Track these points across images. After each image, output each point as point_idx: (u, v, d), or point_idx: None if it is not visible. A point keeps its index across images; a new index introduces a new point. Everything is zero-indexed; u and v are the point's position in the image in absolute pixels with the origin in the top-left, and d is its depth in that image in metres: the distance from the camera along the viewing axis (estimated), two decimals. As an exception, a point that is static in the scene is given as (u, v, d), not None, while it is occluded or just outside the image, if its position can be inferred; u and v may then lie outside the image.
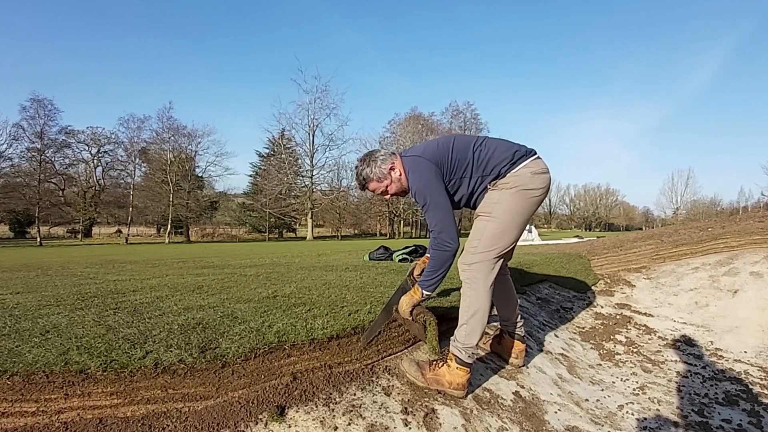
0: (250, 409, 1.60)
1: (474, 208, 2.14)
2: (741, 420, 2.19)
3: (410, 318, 2.13)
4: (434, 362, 2.01)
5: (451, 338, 2.05)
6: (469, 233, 2.10)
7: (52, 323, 2.06)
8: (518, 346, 2.42)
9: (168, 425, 1.51)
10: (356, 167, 2.12)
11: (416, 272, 2.23)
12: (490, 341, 2.53)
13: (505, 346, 2.45)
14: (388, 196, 2.15)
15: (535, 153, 2.07)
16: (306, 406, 1.67)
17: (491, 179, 2.00)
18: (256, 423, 1.55)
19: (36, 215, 33.33)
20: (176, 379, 1.62)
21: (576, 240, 14.94)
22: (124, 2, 68.12)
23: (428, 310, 2.18)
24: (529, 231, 11.65)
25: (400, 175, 2.05)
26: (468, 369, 1.96)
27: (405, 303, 2.10)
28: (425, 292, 2.05)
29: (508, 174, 1.98)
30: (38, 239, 32.32)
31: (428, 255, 2.16)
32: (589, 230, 69.21)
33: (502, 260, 2.04)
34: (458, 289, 3.05)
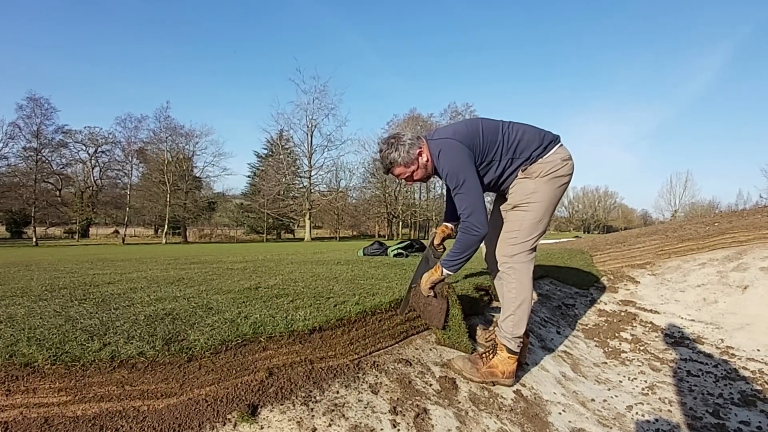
0: (217, 408, 1.42)
1: (499, 191, 2.13)
2: (761, 422, 2.02)
3: (431, 293, 2.07)
4: (484, 354, 2.03)
5: (497, 329, 2.08)
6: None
7: (9, 314, 1.88)
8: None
9: (122, 425, 1.33)
10: (381, 150, 2.00)
11: (437, 241, 2.23)
12: (490, 335, 2.36)
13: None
14: (412, 181, 2.07)
15: (560, 139, 2.06)
16: (282, 404, 1.49)
17: (521, 162, 1.97)
18: (224, 424, 1.37)
19: (32, 215, 33.04)
20: (135, 374, 1.44)
21: (576, 239, 14.76)
22: (122, 4, 67.85)
23: (451, 288, 2.19)
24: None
25: (427, 160, 1.97)
26: (516, 357, 2.02)
27: (425, 280, 2.05)
28: (447, 272, 2.00)
29: (540, 159, 1.97)
30: (34, 239, 32.00)
31: (445, 224, 2.27)
32: (588, 232, 69.08)
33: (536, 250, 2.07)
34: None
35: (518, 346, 2.02)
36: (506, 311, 2.04)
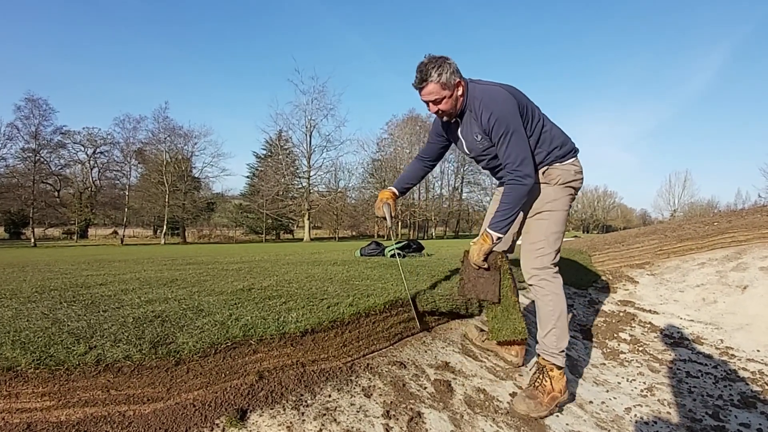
0: (205, 413, 1.38)
1: (497, 175, 2.09)
2: (761, 424, 1.99)
3: (485, 265, 1.97)
4: (536, 384, 1.91)
5: (539, 349, 1.98)
6: (471, 234, 1.99)
7: (-5, 316, 1.84)
8: (518, 343, 2.22)
9: (107, 431, 1.29)
10: (422, 62, 1.82)
11: (393, 213, 2.13)
12: (486, 337, 2.32)
13: (504, 342, 2.24)
14: (435, 108, 1.89)
15: (578, 152, 2.04)
16: (272, 409, 1.46)
17: (540, 151, 1.92)
18: (212, 429, 1.34)
19: (31, 216, 32.96)
20: (121, 378, 1.41)
21: (574, 239, 14.73)
22: (121, 4, 67.71)
23: (504, 257, 2.07)
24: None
25: (461, 96, 1.86)
26: (563, 370, 1.96)
27: (476, 252, 1.93)
28: (498, 235, 1.86)
29: (557, 164, 1.94)
30: (32, 240, 31.93)
31: (391, 189, 2.19)
32: (587, 232, 69.11)
33: None
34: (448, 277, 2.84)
35: (564, 359, 1.95)
36: (546, 326, 1.94)
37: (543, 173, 1.94)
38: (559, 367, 1.93)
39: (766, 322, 3.16)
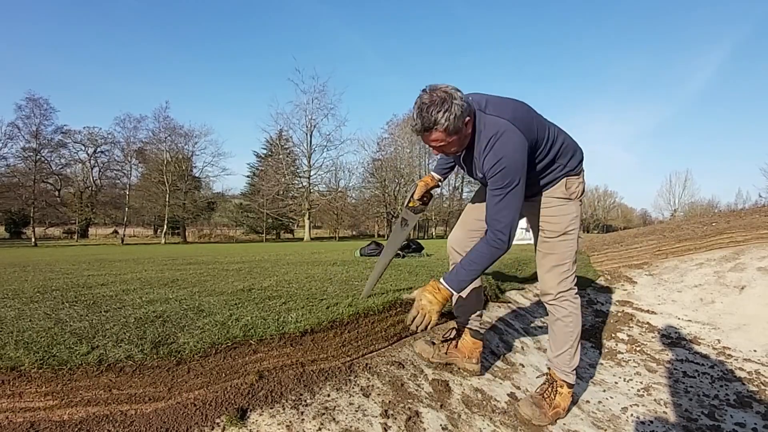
0: (206, 412, 1.40)
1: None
2: (756, 423, 2.00)
3: (425, 328, 1.62)
4: (545, 395, 1.89)
5: (551, 366, 1.96)
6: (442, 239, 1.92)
7: (-2, 316, 1.87)
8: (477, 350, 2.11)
9: (109, 430, 1.31)
10: (423, 102, 1.50)
11: (417, 195, 2.03)
12: (440, 350, 2.10)
13: (465, 346, 2.10)
14: (438, 153, 1.68)
15: None
16: (272, 408, 1.47)
17: (559, 165, 1.78)
18: (212, 428, 1.36)
19: (31, 215, 33.03)
20: (122, 377, 1.43)
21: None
22: (122, 4, 67.72)
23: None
24: (527, 230, 11.39)
25: (469, 134, 1.62)
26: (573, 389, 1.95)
27: (434, 308, 1.61)
28: (457, 295, 1.69)
29: (573, 176, 1.82)
30: (33, 240, 31.99)
31: (432, 173, 2.08)
32: (587, 232, 69.12)
33: None
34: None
35: (575, 377, 1.93)
36: (562, 347, 1.89)
37: (565, 186, 1.81)
38: (570, 385, 1.91)
39: (763, 322, 3.18)
